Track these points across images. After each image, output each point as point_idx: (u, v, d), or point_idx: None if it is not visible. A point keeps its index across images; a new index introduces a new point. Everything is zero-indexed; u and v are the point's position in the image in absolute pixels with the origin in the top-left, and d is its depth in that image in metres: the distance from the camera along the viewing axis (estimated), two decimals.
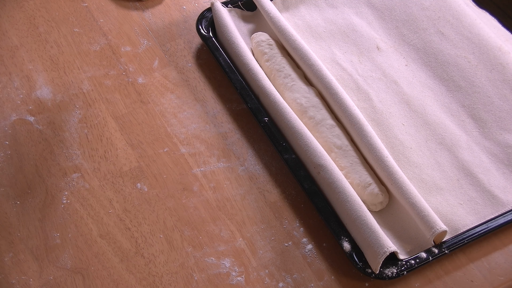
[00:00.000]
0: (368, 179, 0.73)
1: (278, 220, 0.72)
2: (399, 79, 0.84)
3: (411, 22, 0.90)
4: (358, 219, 0.68)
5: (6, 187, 0.73)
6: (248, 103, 0.80)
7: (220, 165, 0.77)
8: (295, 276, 0.68)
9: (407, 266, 0.67)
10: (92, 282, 0.66)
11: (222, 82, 0.84)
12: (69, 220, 0.71)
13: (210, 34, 0.87)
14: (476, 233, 0.70)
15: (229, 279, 0.67)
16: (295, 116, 0.77)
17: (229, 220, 0.72)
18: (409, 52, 0.88)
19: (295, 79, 0.82)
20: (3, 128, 0.78)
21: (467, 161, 0.77)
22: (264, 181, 0.76)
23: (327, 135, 0.76)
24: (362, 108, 0.81)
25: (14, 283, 0.66)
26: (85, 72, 0.85)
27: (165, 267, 0.68)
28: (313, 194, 0.72)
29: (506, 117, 0.80)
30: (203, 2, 0.94)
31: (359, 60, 0.87)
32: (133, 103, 0.81)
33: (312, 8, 0.93)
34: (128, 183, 0.74)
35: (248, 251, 0.70)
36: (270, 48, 0.85)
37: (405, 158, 0.76)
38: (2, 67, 0.84)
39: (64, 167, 0.75)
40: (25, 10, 0.91)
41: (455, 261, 0.70)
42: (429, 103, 0.82)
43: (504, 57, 0.85)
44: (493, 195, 0.74)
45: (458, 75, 0.84)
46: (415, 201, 0.69)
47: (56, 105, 0.81)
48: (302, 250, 0.70)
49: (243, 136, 0.80)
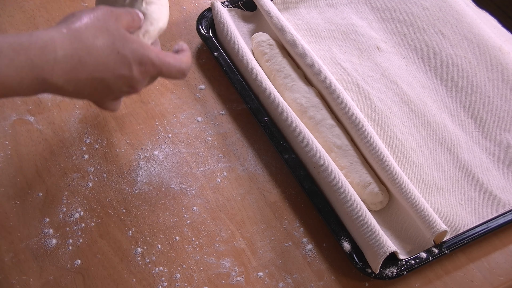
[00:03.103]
0: (368, 179, 0.73)
1: (278, 220, 0.72)
2: (399, 79, 0.84)
3: (411, 22, 0.90)
4: (358, 219, 0.68)
5: (6, 187, 0.73)
6: (248, 103, 0.80)
7: (220, 165, 0.77)
8: (295, 276, 0.68)
9: (407, 266, 0.67)
10: (92, 282, 0.66)
11: (222, 82, 0.84)
12: (69, 221, 0.71)
13: (210, 34, 0.87)
14: (476, 233, 0.70)
15: (229, 279, 0.67)
16: (295, 116, 0.77)
17: (229, 220, 0.72)
18: (409, 52, 0.88)
19: (295, 79, 0.82)
20: (3, 128, 0.78)
21: (467, 161, 0.76)
22: (264, 181, 0.76)
23: (327, 135, 0.76)
24: (362, 108, 0.81)
25: (14, 283, 0.66)
26: None
27: (165, 267, 0.68)
28: (313, 194, 0.72)
29: (506, 117, 0.80)
30: (203, 2, 0.94)
31: (359, 60, 0.87)
32: (133, 103, 0.81)
33: (312, 8, 0.93)
34: (128, 183, 0.74)
35: (248, 251, 0.70)
36: (271, 48, 0.85)
37: (405, 158, 0.76)
38: None
39: (64, 167, 0.75)
40: (25, 10, 0.91)
41: (455, 261, 0.70)
42: (429, 103, 0.82)
43: (504, 57, 0.85)
44: (493, 195, 0.74)
45: (458, 75, 0.84)
46: (415, 201, 0.69)
47: (56, 105, 0.81)
48: (302, 250, 0.70)
49: (243, 136, 0.80)
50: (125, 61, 0.59)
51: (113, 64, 0.59)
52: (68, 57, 0.56)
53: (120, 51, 0.59)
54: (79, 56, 0.56)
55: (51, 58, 0.55)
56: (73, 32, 0.57)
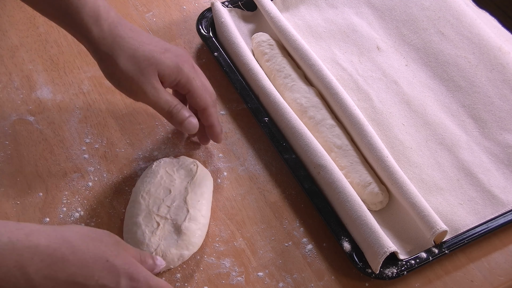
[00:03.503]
0: (368, 178, 0.73)
1: (278, 220, 0.72)
2: (399, 79, 0.84)
3: (411, 22, 0.90)
4: (358, 219, 0.67)
5: (6, 187, 0.73)
6: (248, 103, 0.80)
7: (220, 165, 0.77)
8: (295, 276, 0.68)
9: (407, 266, 0.67)
10: None
11: (222, 82, 0.84)
12: (69, 221, 0.71)
13: (210, 34, 0.87)
14: (476, 233, 0.70)
15: (229, 279, 0.67)
16: (295, 116, 0.77)
17: (229, 220, 0.72)
18: (409, 52, 0.88)
19: (295, 79, 0.82)
20: (3, 128, 0.78)
21: (467, 161, 0.76)
22: (264, 181, 0.76)
23: (327, 135, 0.76)
24: (362, 108, 0.81)
25: None
26: (85, 72, 0.85)
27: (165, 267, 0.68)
28: (313, 194, 0.72)
29: (506, 117, 0.80)
30: (203, 2, 0.94)
31: (359, 60, 0.87)
32: (134, 103, 0.81)
33: (312, 8, 0.93)
34: (128, 183, 0.74)
35: (248, 251, 0.70)
36: (271, 48, 0.85)
37: (405, 158, 0.76)
38: (2, 67, 0.84)
39: (64, 167, 0.75)
40: (25, 10, 0.91)
41: (455, 261, 0.70)
42: (429, 103, 0.82)
43: (504, 57, 0.85)
44: (493, 195, 0.74)
45: (458, 75, 0.84)
46: (416, 201, 0.69)
47: (56, 105, 0.81)
48: (302, 250, 0.70)
49: (243, 136, 0.80)
50: (114, 272, 0.54)
51: (99, 271, 0.54)
52: (50, 249, 0.52)
53: (110, 260, 0.54)
54: (62, 252, 0.53)
55: (33, 244, 0.51)
56: (62, 233, 0.54)
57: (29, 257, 0.51)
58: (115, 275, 0.54)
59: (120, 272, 0.54)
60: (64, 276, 0.52)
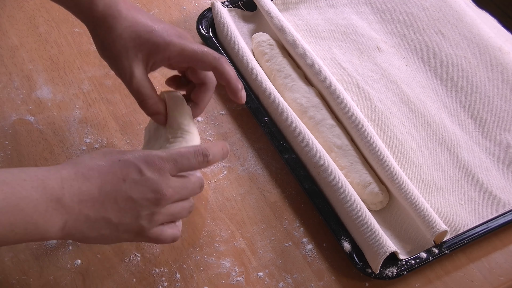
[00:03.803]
0: (368, 178, 0.73)
1: (278, 220, 0.72)
2: (399, 79, 0.84)
3: (411, 22, 0.90)
4: (358, 219, 0.67)
5: None
6: (248, 103, 0.80)
7: (220, 165, 0.77)
8: (295, 276, 0.68)
9: (407, 266, 0.67)
10: (92, 282, 0.66)
11: None
12: None
13: (210, 34, 0.87)
14: (476, 233, 0.70)
15: (229, 279, 0.67)
16: (295, 116, 0.77)
17: (229, 220, 0.72)
18: (409, 52, 0.88)
19: (295, 79, 0.82)
20: (3, 128, 0.78)
21: (467, 161, 0.77)
22: (264, 181, 0.76)
23: (327, 135, 0.76)
24: (362, 108, 0.81)
25: (14, 283, 0.66)
26: (85, 72, 0.85)
27: (165, 267, 0.68)
28: (313, 194, 0.72)
29: (506, 117, 0.80)
30: (203, 2, 0.94)
31: (359, 60, 0.87)
32: (134, 103, 0.81)
33: (312, 8, 0.93)
34: None
35: (248, 251, 0.70)
36: (271, 48, 0.85)
37: (405, 158, 0.76)
38: (2, 67, 0.84)
39: None
40: (25, 10, 0.91)
41: (455, 261, 0.70)
42: (429, 103, 0.82)
43: (504, 57, 0.85)
44: (493, 195, 0.74)
45: (458, 75, 0.84)
46: (416, 201, 0.69)
47: (56, 105, 0.81)
48: (302, 250, 0.70)
49: (243, 136, 0.80)
50: (131, 164, 0.56)
51: (120, 170, 0.56)
52: (72, 175, 0.55)
53: (121, 158, 0.57)
54: (82, 173, 0.55)
55: (58, 176, 0.54)
56: (72, 161, 0.57)
57: (59, 187, 0.53)
58: (134, 166, 0.57)
59: (136, 162, 0.57)
60: (96, 191, 0.55)
